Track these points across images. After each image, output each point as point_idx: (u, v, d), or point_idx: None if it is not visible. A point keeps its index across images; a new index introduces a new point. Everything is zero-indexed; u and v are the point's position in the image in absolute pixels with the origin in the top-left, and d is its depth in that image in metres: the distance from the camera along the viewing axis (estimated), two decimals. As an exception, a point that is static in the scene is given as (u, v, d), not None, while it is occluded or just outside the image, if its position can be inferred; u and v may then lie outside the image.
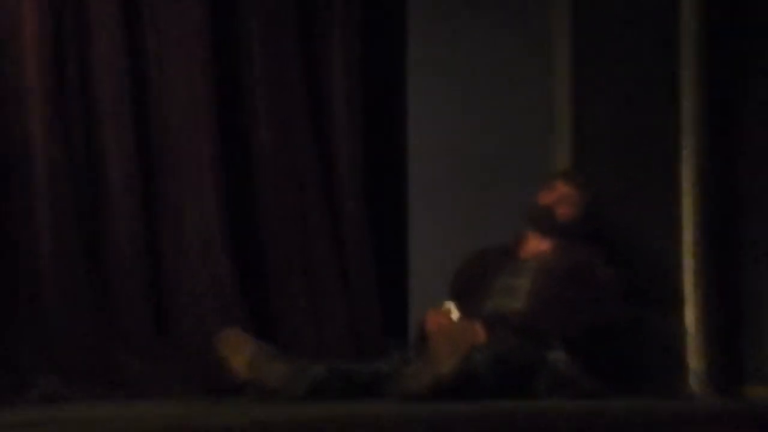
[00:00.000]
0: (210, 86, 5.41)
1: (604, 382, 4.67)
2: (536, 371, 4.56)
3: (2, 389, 4.55)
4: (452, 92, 5.76)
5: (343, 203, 5.73)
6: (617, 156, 5.59)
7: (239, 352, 4.35)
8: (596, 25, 5.71)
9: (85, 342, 4.93)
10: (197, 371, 4.91)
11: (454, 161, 5.69)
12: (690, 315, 5.56)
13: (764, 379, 5.74)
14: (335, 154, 5.78)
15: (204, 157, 5.35)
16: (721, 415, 4.47)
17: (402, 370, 4.38)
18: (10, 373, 4.66)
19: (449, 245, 5.39)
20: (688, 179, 5.61)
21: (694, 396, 5.33)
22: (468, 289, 4.91)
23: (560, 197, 5.00)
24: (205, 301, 5.24)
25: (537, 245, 4.98)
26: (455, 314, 4.73)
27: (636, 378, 5.01)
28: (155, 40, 5.35)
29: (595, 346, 4.76)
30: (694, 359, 5.56)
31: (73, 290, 4.95)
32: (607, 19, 5.73)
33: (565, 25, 5.63)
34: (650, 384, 5.11)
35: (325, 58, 5.83)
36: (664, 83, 5.75)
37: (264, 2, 5.64)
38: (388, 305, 5.69)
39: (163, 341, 5.15)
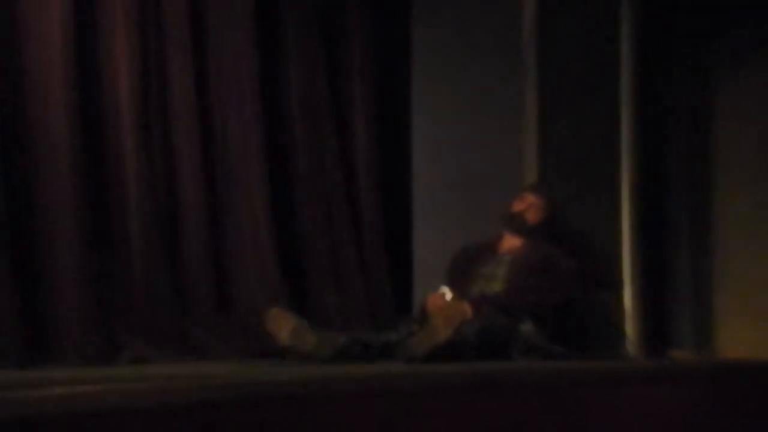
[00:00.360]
0: (260, 118, 5.38)
1: (564, 348, 4.74)
2: (511, 339, 4.60)
3: (102, 352, 4.59)
4: (447, 126, 5.78)
5: (362, 209, 5.77)
6: (570, 173, 5.63)
7: (282, 325, 4.41)
8: (556, 81, 5.64)
9: (164, 316, 4.93)
10: (251, 340, 4.91)
11: (448, 176, 5.73)
12: (627, 295, 5.65)
13: (682, 345, 5.82)
14: (356, 168, 5.78)
15: (254, 174, 5.35)
16: (650, 371, 4.59)
17: (407, 339, 4.45)
18: (108, 339, 4.68)
19: (444, 242, 5.41)
20: (625, 190, 5.71)
21: (630, 357, 5.44)
22: (458, 276, 4.98)
23: (529, 205, 5.07)
24: (256, 285, 5.25)
25: (511, 242, 5.04)
26: (449, 296, 4.81)
27: (588, 344, 5.04)
28: (218, 82, 5.32)
29: (557, 320, 4.83)
30: (631, 329, 5.63)
31: (155, 277, 4.94)
32: (563, 74, 5.67)
33: (533, 81, 5.58)
34: (598, 348, 5.14)
35: (347, 95, 5.82)
36: (607, 118, 5.75)
37: (300, 50, 5.61)
38: (397, 289, 5.75)
39: (224, 316, 5.16)
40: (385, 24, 5.98)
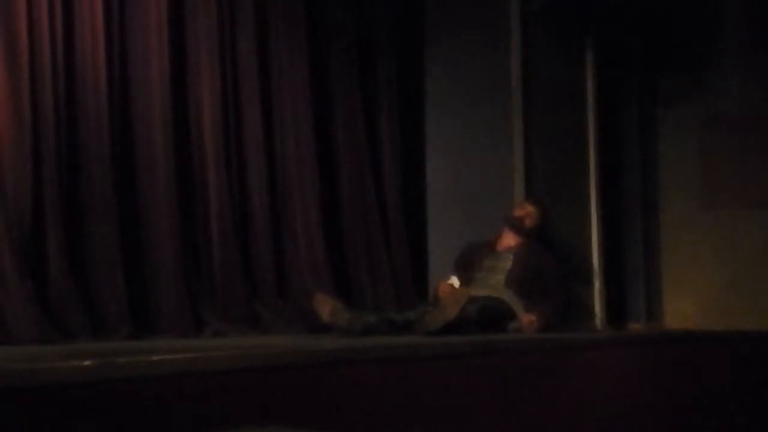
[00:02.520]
0: (313, 145, 5.39)
1: (548, 324, 4.69)
2: (506, 317, 4.63)
3: (190, 328, 4.64)
4: (454, 150, 5.73)
5: (390, 217, 5.74)
6: (549, 186, 5.62)
7: (324, 306, 4.39)
8: (538, 115, 5.61)
9: (236, 299, 4.93)
10: (302, 318, 4.89)
11: (455, 189, 5.69)
12: (596, 282, 5.65)
13: (637, 319, 5.90)
14: (385, 185, 5.77)
15: (308, 188, 5.34)
16: (612, 339, 4.60)
17: (423, 317, 4.41)
18: (194, 317, 4.71)
19: (452, 240, 5.37)
20: (593, 199, 5.75)
21: (597, 329, 5.43)
22: (464, 267, 4.96)
23: (527, 213, 5.04)
24: (308, 274, 5.23)
25: (508, 241, 4.99)
26: (456, 283, 4.82)
27: (565, 320, 4.96)
28: (280, 119, 5.29)
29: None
30: (598, 308, 5.63)
31: (230, 269, 4.94)
32: (543, 109, 5.65)
33: (519, 115, 5.53)
34: (573, 323, 5.10)
35: (378, 127, 5.80)
36: (578, 144, 5.78)
37: (344, 93, 5.59)
38: (415, 277, 5.70)
39: (282, 300, 5.15)
40: (406, 73, 5.93)
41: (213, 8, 5.02)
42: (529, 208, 5.07)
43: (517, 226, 4.99)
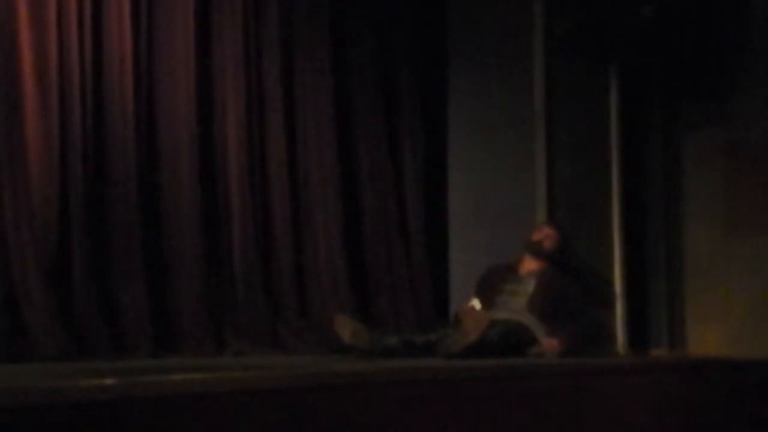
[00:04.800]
0: (336, 167, 5.44)
1: (569, 349, 4.64)
2: (527, 342, 4.58)
3: (211, 347, 4.67)
4: (476, 173, 5.76)
5: (411, 241, 5.77)
6: (571, 208, 5.60)
7: (345, 328, 4.38)
8: (559, 138, 5.60)
9: (258, 319, 4.96)
10: (323, 339, 4.90)
11: (476, 211, 5.70)
12: (618, 307, 5.59)
13: (660, 345, 5.78)
14: (407, 208, 5.79)
15: (331, 210, 5.39)
16: (635, 365, 4.55)
17: (444, 339, 4.40)
18: (216, 337, 4.73)
19: (474, 263, 5.32)
20: (615, 222, 5.68)
21: (620, 355, 5.41)
22: (486, 291, 4.90)
23: (545, 236, 4.98)
24: (329, 295, 5.27)
25: (530, 265, 4.91)
26: (477, 306, 4.79)
27: (587, 345, 4.86)
28: (303, 140, 5.33)
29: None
30: (621, 333, 5.58)
31: (252, 290, 4.99)
32: (565, 132, 5.63)
33: (542, 138, 5.54)
34: (594, 348, 4.99)
35: (400, 151, 5.84)
36: (600, 166, 5.72)
37: (367, 116, 5.66)
38: (437, 300, 5.71)
39: (304, 320, 5.17)
40: (429, 95, 5.97)
41: (239, 36, 5.11)
42: (547, 231, 5.03)
43: (536, 250, 4.95)
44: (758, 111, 5.76)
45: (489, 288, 4.91)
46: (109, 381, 2.26)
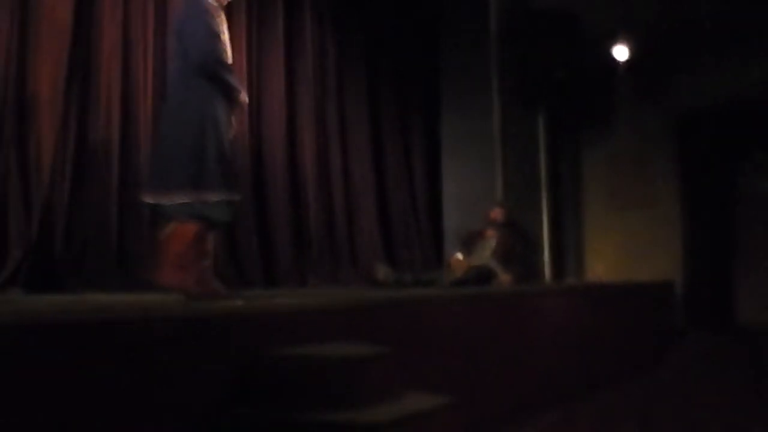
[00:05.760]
0: (371, 166, 5.27)
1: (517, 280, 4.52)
2: (492, 277, 4.48)
3: (297, 282, 4.45)
4: (462, 177, 5.68)
5: (420, 214, 5.60)
6: (520, 198, 5.58)
7: (380, 271, 4.40)
8: (510, 153, 5.53)
9: (326, 266, 4.72)
10: (367, 278, 4.70)
11: (461, 197, 5.63)
12: (545, 254, 5.64)
13: (570, 275, 5.86)
14: (417, 194, 5.64)
15: (370, 200, 5.25)
16: (556, 290, 4.28)
17: (440, 276, 4.43)
18: (301, 276, 4.52)
19: (459, 229, 5.30)
20: (544, 204, 5.75)
21: (547, 284, 5.28)
22: (466, 247, 4.78)
23: (498, 212, 4.88)
24: (369, 252, 5.09)
25: (491, 231, 4.75)
26: (460, 256, 4.69)
27: (527, 278, 4.85)
28: (345, 146, 5.09)
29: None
30: (547, 270, 5.59)
31: (323, 250, 4.75)
32: (512, 148, 5.58)
33: (498, 155, 5.49)
34: (531, 279, 5.00)
35: (413, 160, 5.69)
36: (533, 171, 5.74)
37: (391, 139, 5.49)
38: (436, 251, 5.58)
39: (355, 266, 4.94)
40: (429, 126, 5.87)
41: (312, 80, 4.85)
42: (499, 210, 4.92)
43: (493, 222, 4.85)
44: (627, 134, 6.05)
45: (467, 245, 4.83)
46: (239, 302, 2.14)
